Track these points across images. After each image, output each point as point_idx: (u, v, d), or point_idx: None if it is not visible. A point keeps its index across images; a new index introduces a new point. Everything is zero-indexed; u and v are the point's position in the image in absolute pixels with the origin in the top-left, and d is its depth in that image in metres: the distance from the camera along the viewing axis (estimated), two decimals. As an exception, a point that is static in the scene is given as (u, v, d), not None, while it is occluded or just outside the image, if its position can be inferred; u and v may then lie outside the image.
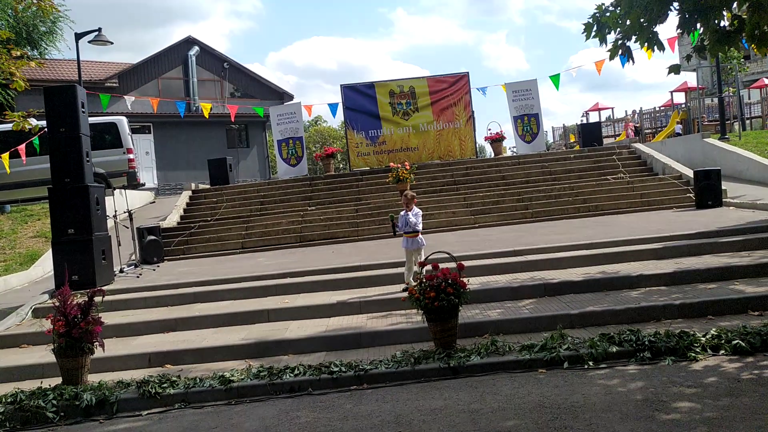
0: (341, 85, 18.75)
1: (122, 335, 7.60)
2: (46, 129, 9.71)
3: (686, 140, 19.25)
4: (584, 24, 7.23)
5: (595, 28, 7.20)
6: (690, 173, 14.05)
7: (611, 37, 7.22)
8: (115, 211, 11.93)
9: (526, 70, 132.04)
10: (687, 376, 4.97)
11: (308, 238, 13.51)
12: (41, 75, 26.22)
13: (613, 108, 38.19)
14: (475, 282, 7.89)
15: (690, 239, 9.07)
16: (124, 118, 19.22)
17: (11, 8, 21.23)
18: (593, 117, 36.73)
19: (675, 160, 15.84)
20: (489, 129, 20.99)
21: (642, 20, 6.79)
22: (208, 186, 18.12)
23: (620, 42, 7.18)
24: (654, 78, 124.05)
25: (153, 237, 12.31)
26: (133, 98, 21.62)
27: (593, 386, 4.95)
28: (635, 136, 28.31)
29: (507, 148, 22.45)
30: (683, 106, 30.35)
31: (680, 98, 33.10)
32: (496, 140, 19.10)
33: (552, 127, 43.18)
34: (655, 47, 6.99)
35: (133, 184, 18.40)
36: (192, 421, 5.15)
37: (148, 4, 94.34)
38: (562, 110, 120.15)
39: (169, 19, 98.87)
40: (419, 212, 8.10)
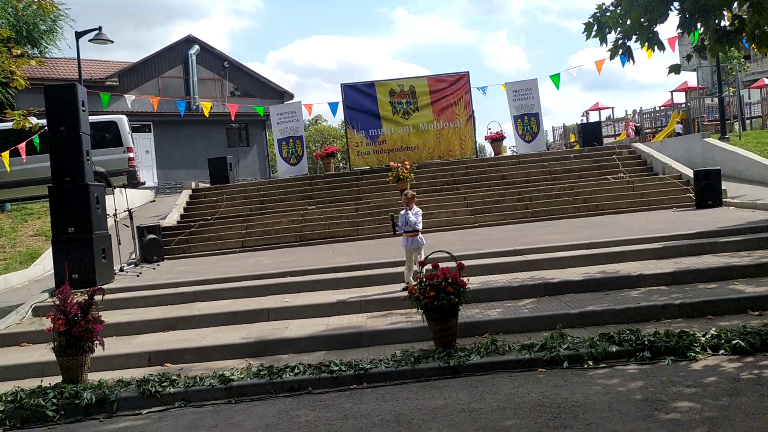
0: (341, 85, 18.74)
1: (122, 334, 7.61)
2: (47, 127, 9.71)
3: (686, 140, 19.26)
4: (585, 24, 7.23)
5: (596, 28, 7.20)
6: (690, 173, 14.06)
7: (611, 37, 7.21)
8: (115, 210, 11.93)
9: (527, 70, 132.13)
10: (687, 376, 4.97)
11: (308, 237, 13.52)
12: (41, 73, 26.21)
13: (614, 108, 38.21)
14: (475, 281, 7.90)
15: (690, 239, 9.08)
16: (125, 117, 19.21)
17: (12, 6, 21.22)
18: (593, 117, 36.73)
19: (675, 160, 15.85)
20: (489, 128, 20.97)
21: (642, 20, 6.79)
22: (209, 185, 18.14)
23: (620, 42, 7.18)
24: (654, 78, 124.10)
25: (153, 236, 12.32)
26: (134, 97, 21.61)
27: (593, 386, 4.95)
28: (636, 136, 28.30)
29: (507, 148, 22.45)
30: (683, 106, 30.34)
31: (680, 98, 33.11)
32: (496, 140, 19.10)
33: (552, 127, 43.19)
34: (656, 47, 6.98)
35: (133, 183, 18.40)
36: (192, 420, 5.16)
37: (149, 3, 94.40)
38: (562, 110, 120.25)
39: (170, 18, 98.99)
40: (419, 211, 8.11)
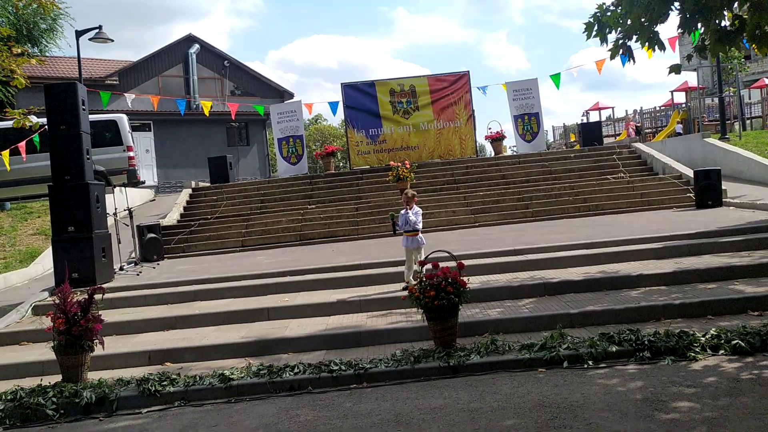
0: (342, 84, 18.74)
1: (122, 333, 7.61)
2: (47, 126, 9.71)
3: (686, 140, 19.25)
4: (585, 23, 7.23)
5: (596, 28, 7.19)
6: (690, 173, 14.06)
7: (612, 37, 7.21)
8: (115, 209, 11.94)
9: (527, 70, 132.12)
10: (686, 376, 4.97)
11: (308, 237, 13.51)
12: (42, 72, 26.18)
13: (614, 107, 38.23)
14: (475, 281, 7.90)
15: (690, 239, 9.08)
16: (125, 116, 19.21)
17: (12, 5, 21.21)
18: (593, 116, 36.74)
19: (675, 160, 15.85)
20: (489, 128, 20.96)
21: (643, 20, 6.78)
22: (209, 184, 18.14)
23: (621, 41, 7.17)
24: (654, 77, 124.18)
25: (153, 235, 12.32)
26: (134, 96, 21.60)
27: (593, 385, 4.95)
28: (636, 136, 28.28)
29: (507, 148, 22.44)
30: (684, 106, 30.34)
31: (681, 98, 33.11)
32: (497, 139, 19.10)
33: (552, 127, 43.17)
34: (656, 47, 6.98)
35: (133, 182, 18.40)
36: (192, 419, 5.16)
37: (149, 2, 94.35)
38: (563, 109, 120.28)
39: (170, 17, 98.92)
40: (419, 211, 8.11)
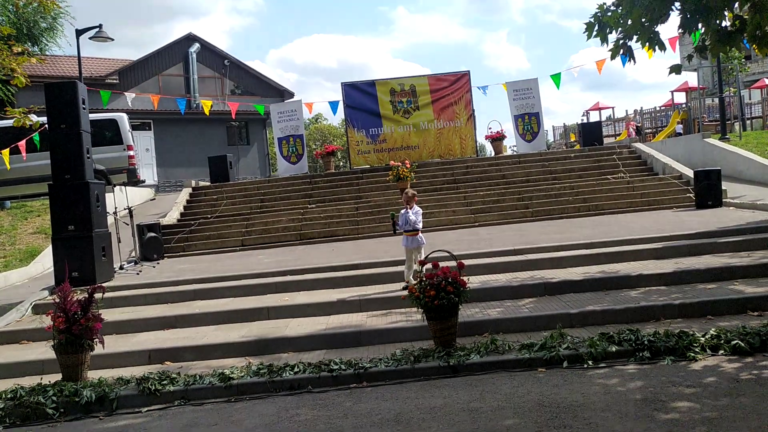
0: (342, 83, 18.71)
1: (122, 332, 7.62)
2: (47, 125, 9.70)
3: (686, 140, 19.26)
4: (586, 23, 7.23)
5: (597, 28, 7.19)
6: (690, 173, 14.05)
7: (612, 37, 7.21)
8: (115, 208, 11.94)
9: (527, 69, 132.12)
10: (686, 376, 4.98)
11: (308, 236, 13.51)
12: (42, 71, 26.15)
13: (614, 107, 38.26)
14: (475, 281, 7.90)
15: (690, 239, 9.08)
16: (125, 115, 19.21)
17: (12, 4, 21.20)
18: (594, 116, 36.76)
19: (675, 160, 15.84)
20: (489, 128, 20.96)
21: (643, 20, 6.78)
22: (209, 183, 18.13)
23: (621, 42, 7.17)
24: (655, 78, 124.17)
25: (153, 234, 12.32)
26: (134, 95, 21.57)
27: (592, 385, 4.96)
28: (637, 136, 28.28)
29: (507, 147, 22.45)
30: (684, 106, 30.34)
31: (681, 98, 33.13)
32: (497, 139, 19.09)
33: (552, 127, 43.20)
34: (657, 47, 6.98)
35: (134, 181, 18.40)
36: (192, 418, 5.16)
37: (149, 1, 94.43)
38: (563, 109, 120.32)
39: (170, 16, 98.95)
40: (419, 210, 8.10)
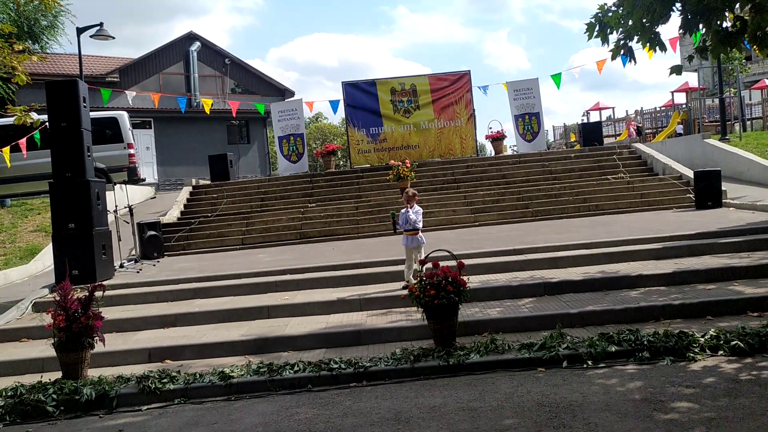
0: (342, 82, 18.70)
1: (122, 330, 7.62)
2: (48, 123, 9.71)
3: (687, 141, 19.27)
4: (586, 24, 7.23)
5: (597, 28, 7.19)
6: (690, 174, 14.06)
7: (613, 37, 7.21)
8: (116, 206, 11.95)
9: (527, 69, 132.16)
10: (685, 377, 4.99)
11: (308, 235, 13.52)
12: (42, 69, 26.13)
13: (614, 108, 38.28)
14: (475, 280, 7.90)
15: (689, 240, 9.09)
16: (125, 113, 19.21)
17: (13, 2, 21.19)
18: (594, 116, 36.79)
19: (675, 161, 15.85)
20: (490, 127, 21.00)
21: (644, 20, 6.78)
22: (209, 182, 18.13)
23: (622, 42, 7.17)
24: (655, 78, 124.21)
25: (153, 232, 12.32)
26: (134, 93, 21.55)
27: (592, 385, 4.96)
28: (637, 136, 28.27)
29: (508, 147, 22.51)
30: (684, 107, 30.35)
31: (681, 98, 33.14)
32: (497, 139, 19.10)
33: (553, 126, 43.24)
34: (657, 48, 6.98)
35: (134, 180, 18.39)
36: (192, 417, 5.17)
37: (150, 0, 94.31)
38: (563, 109, 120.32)
39: (171, 15, 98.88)
40: (420, 210, 8.10)
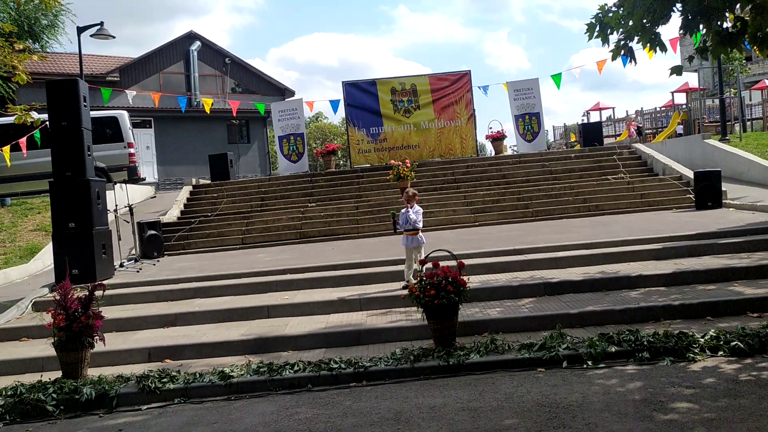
0: (343, 82, 18.70)
1: (122, 330, 7.61)
2: (48, 123, 9.70)
3: (687, 141, 19.27)
4: (587, 24, 7.23)
5: (598, 29, 7.18)
6: (690, 174, 14.06)
7: (613, 38, 7.21)
8: (116, 206, 11.95)
9: (528, 69, 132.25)
10: (685, 377, 4.99)
11: (308, 235, 13.52)
12: (43, 68, 26.15)
13: (614, 108, 38.30)
14: (475, 280, 7.90)
15: (689, 240, 9.08)
16: (125, 113, 19.21)
17: (13, 1, 21.19)
18: (594, 117, 36.80)
19: (675, 161, 15.85)
20: (490, 127, 20.99)
21: (645, 21, 6.78)
22: (209, 181, 18.13)
23: (623, 43, 7.17)
24: (655, 78, 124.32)
25: (153, 232, 12.32)
26: (135, 92, 21.55)
27: (592, 386, 4.97)
28: (638, 136, 28.27)
29: (508, 147, 22.51)
30: (684, 107, 30.36)
31: (681, 99, 33.15)
32: (497, 139, 19.10)
33: (553, 127, 43.27)
34: (658, 48, 6.98)
35: (134, 179, 18.39)
36: (192, 416, 5.17)
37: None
38: (563, 109, 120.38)
39: (171, 14, 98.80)
40: (420, 210, 8.10)
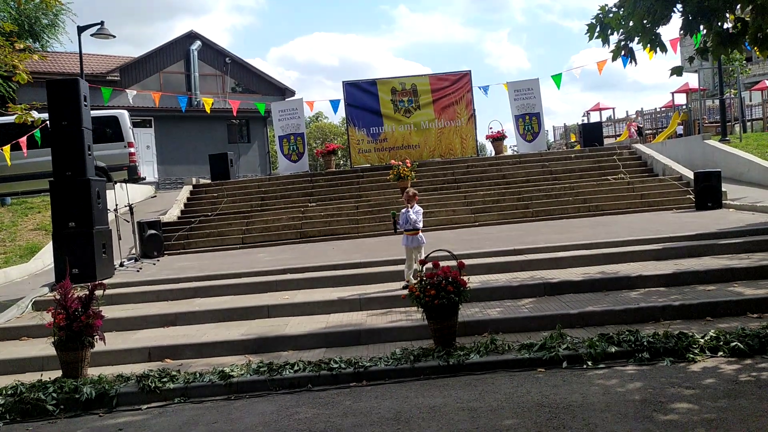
0: (343, 82, 18.69)
1: (122, 329, 7.61)
2: (48, 122, 9.70)
3: (687, 141, 19.28)
4: (587, 25, 7.23)
5: (598, 29, 7.19)
6: (690, 174, 14.06)
7: (614, 38, 7.22)
8: (116, 205, 11.95)
9: (528, 69, 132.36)
10: (685, 378, 4.99)
11: (308, 235, 13.52)
12: (43, 68, 26.16)
13: (614, 108, 38.32)
14: (475, 280, 7.90)
15: (689, 240, 9.08)
16: (126, 112, 19.21)
17: (14, 0, 21.20)
18: (594, 117, 36.82)
19: (675, 162, 15.85)
20: (490, 127, 20.98)
21: (645, 22, 6.79)
22: (209, 181, 18.13)
23: (623, 43, 7.18)
24: (655, 79, 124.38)
25: (153, 231, 12.32)
26: (135, 92, 21.54)
27: (592, 386, 4.97)
28: (638, 137, 28.26)
29: (508, 147, 22.51)
30: (684, 107, 30.36)
31: (681, 99, 33.17)
32: (497, 139, 19.10)
33: (553, 127, 43.28)
34: (658, 49, 6.99)
35: (134, 178, 18.39)
36: (192, 416, 5.17)
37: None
38: (563, 110, 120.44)
39: (171, 14, 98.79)
40: (420, 210, 8.10)
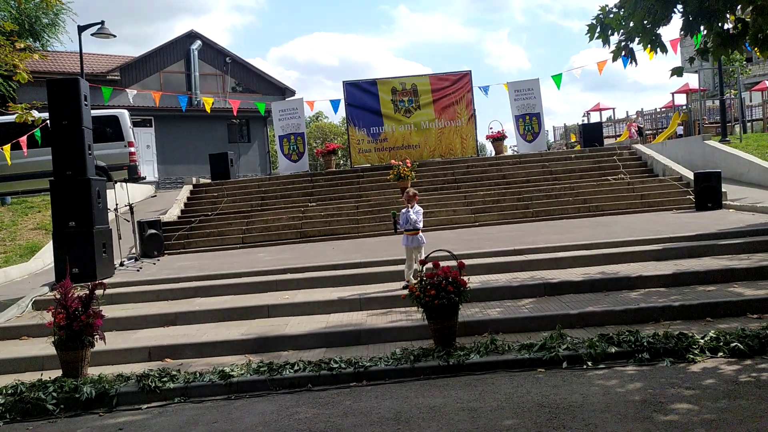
0: (343, 82, 18.70)
1: (122, 329, 7.61)
2: (49, 121, 9.71)
3: (687, 142, 19.28)
4: (588, 25, 7.24)
5: (599, 30, 7.20)
6: (690, 175, 14.07)
7: (614, 39, 7.23)
8: (116, 205, 11.95)
9: (528, 69, 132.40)
10: (685, 378, 4.99)
11: (308, 234, 13.53)
12: (43, 67, 26.16)
13: (615, 108, 38.33)
14: (476, 280, 7.91)
15: (689, 241, 9.09)
16: (126, 112, 19.21)
17: (14, 0, 21.20)
18: (594, 117, 36.83)
19: (675, 162, 15.85)
20: (490, 128, 20.98)
21: (645, 22, 6.79)
22: (209, 180, 18.13)
23: (623, 44, 7.18)
24: (656, 79, 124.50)
25: (153, 231, 12.32)
26: (135, 91, 21.53)
27: (592, 386, 4.97)
28: (639, 137, 28.26)
29: (508, 147, 22.50)
30: (684, 108, 30.36)
31: (681, 100, 33.17)
32: (498, 139, 19.11)
33: (553, 127, 43.29)
34: (658, 49, 6.99)
35: (134, 178, 18.40)
36: (192, 416, 5.17)
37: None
38: (563, 110, 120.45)
39: (171, 14, 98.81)
40: (420, 210, 8.10)
